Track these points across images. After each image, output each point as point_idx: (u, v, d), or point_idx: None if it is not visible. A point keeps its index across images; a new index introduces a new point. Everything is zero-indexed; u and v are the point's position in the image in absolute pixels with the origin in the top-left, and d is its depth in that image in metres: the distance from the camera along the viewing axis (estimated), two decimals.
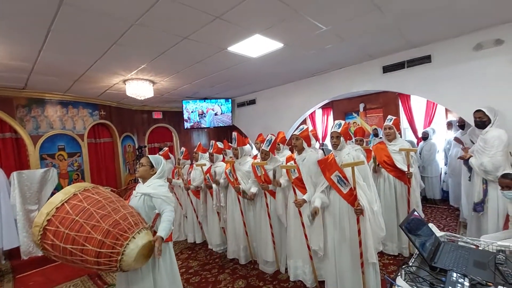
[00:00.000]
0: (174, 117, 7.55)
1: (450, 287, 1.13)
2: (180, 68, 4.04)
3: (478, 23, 3.16)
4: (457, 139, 4.19)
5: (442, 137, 5.52)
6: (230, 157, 3.55)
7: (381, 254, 3.11)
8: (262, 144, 3.11)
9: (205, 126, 6.74)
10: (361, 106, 6.67)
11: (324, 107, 7.29)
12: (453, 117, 5.33)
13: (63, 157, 5.21)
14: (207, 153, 3.98)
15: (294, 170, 2.55)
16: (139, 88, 4.46)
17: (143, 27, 2.61)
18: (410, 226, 1.57)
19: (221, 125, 6.83)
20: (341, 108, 7.09)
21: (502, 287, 1.14)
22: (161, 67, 3.94)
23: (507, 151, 2.77)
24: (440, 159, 5.28)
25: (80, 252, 1.56)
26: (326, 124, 7.62)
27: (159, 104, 6.96)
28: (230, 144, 4.12)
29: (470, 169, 3.08)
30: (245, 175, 3.18)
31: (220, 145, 3.81)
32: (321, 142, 7.31)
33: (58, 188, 4.66)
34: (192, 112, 6.52)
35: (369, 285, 2.23)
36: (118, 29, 2.63)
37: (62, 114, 5.15)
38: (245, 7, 2.37)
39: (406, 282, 1.23)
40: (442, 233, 1.79)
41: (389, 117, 3.30)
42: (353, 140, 3.95)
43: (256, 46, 3.33)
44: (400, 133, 3.32)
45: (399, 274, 1.31)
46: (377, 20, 2.89)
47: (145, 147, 6.63)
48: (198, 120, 6.59)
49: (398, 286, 1.22)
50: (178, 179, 4.25)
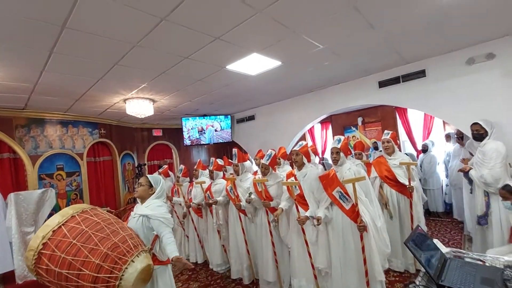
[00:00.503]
0: (173, 134, 7.57)
1: None
2: (180, 86, 4.10)
3: (470, 38, 3.26)
4: (463, 160, 3.92)
5: (442, 149, 5.54)
6: (231, 173, 3.54)
7: (386, 271, 3.03)
8: (262, 160, 3.11)
9: (205, 143, 6.75)
10: (360, 120, 6.74)
11: (323, 122, 7.36)
12: (451, 129, 5.38)
13: (61, 177, 5.17)
14: (207, 170, 3.97)
15: (296, 187, 2.54)
16: (139, 107, 4.50)
17: (145, 48, 2.67)
18: (415, 243, 1.55)
19: (221, 141, 6.85)
20: (339, 122, 7.15)
21: None
22: (162, 86, 4.00)
23: (506, 162, 2.78)
24: (440, 171, 5.28)
25: (76, 277, 1.50)
26: (325, 139, 7.66)
27: (159, 121, 6.99)
28: (230, 160, 4.12)
29: (470, 181, 3.07)
30: (246, 191, 3.15)
31: (220, 162, 3.80)
32: (320, 156, 7.31)
33: (56, 209, 4.59)
34: (191, 129, 6.55)
35: None
36: (120, 50, 2.69)
37: (61, 134, 5.15)
38: (244, 28, 2.44)
39: None
40: (447, 249, 1.76)
41: (386, 131, 3.35)
42: (353, 154, 3.95)
43: (254, 64, 3.41)
44: (399, 147, 3.34)
45: None
46: (372, 38, 2.97)
47: (144, 165, 6.61)
48: (198, 137, 6.61)
49: None
50: (178, 197, 4.20)
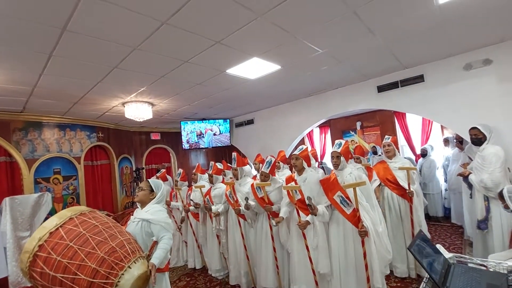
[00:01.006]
0: (172, 138, 7.54)
1: None
2: (179, 90, 4.09)
3: (467, 44, 3.30)
4: (463, 165, 3.78)
5: (440, 153, 5.56)
6: (230, 178, 3.51)
7: (388, 277, 3.00)
8: (261, 164, 3.09)
9: (204, 147, 6.73)
10: (358, 124, 6.76)
11: (322, 126, 7.37)
12: (449, 133, 5.41)
13: (58, 181, 5.11)
14: (206, 174, 3.94)
15: (297, 191, 2.52)
16: (138, 110, 4.48)
17: (144, 51, 2.67)
18: (418, 248, 1.53)
19: (220, 145, 6.83)
20: (338, 126, 7.16)
21: None
22: (161, 90, 3.99)
23: (505, 167, 2.79)
24: (440, 175, 5.28)
25: (70, 282, 1.45)
26: (324, 143, 7.66)
27: (158, 125, 6.97)
28: (228, 164, 4.10)
29: (470, 186, 3.07)
30: (245, 196, 3.12)
31: (219, 166, 3.78)
32: (319, 160, 7.31)
33: (52, 213, 4.50)
34: (190, 132, 6.53)
35: None
36: (120, 53, 2.68)
37: (59, 137, 5.11)
38: (244, 32, 2.45)
39: None
40: (450, 254, 1.74)
41: (386, 136, 3.37)
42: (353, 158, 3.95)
43: (254, 68, 3.41)
44: (398, 151, 3.35)
45: None
46: (371, 43, 2.99)
47: (142, 169, 6.56)
48: (197, 141, 6.59)
49: None
50: (176, 201, 4.16)
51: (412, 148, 6.04)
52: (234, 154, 3.31)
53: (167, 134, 7.52)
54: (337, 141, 2.48)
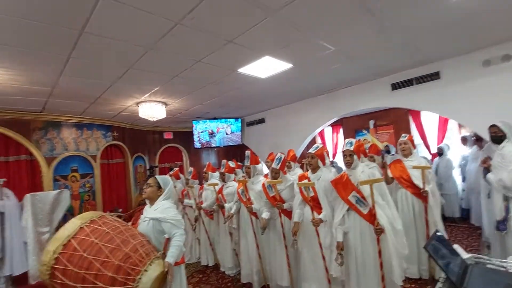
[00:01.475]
0: (184, 137, 7.64)
1: None
2: (191, 89, 4.15)
3: (486, 39, 3.18)
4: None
5: (457, 153, 5.39)
6: (243, 176, 3.53)
7: None
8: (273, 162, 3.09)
9: (215, 146, 6.79)
10: (371, 123, 6.64)
11: (334, 125, 7.28)
12: (466, 132, 5.24)
13: (75, 178, 5.28)
14: (217, 172, 3.97)
15: (309, 189, 2.51)
16: (151, 110, 4.57)
17: (158, 52, 2.72)
18: (434, 248, 1.50)
19: (231, 144, 6.87)
20: (351, 125, 7.07)
21: None
22: (174, 89, 4.05)
23: None
24: (456, 175, 5.12)
25: None
26: (336, 142, 7.57)
27: (171, 124, 7.09)
28: (239, 163, 4.13)
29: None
30: (258, 194, 3.13)
31: (231, 164, 3.81)
32: (331, 159, 7.24)
33: (70, 210, 4.68)
34: (202, 131, 6.60)
35: None
36: (135, 54, 2.75)
37: (76, 136, 5.28)
38: (256, 31, 2.46)
39: None
40: (468, 254, 1.70)
41: (403, 134, 3.31)
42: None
43: (265, 67, 3.42)
44: (415, 149, 3.27)
45: None
46: (384, 40, 2.94)
47: (156, 167, 6.68)
48: (208, 140, 6.66)
49: None
50: (189, 199, 4.22)
51: (427, 147, 5.89)
52: (248, 152, 3.32)
53: (179, 133, 7.64)
54: (347, 140, 2.46)
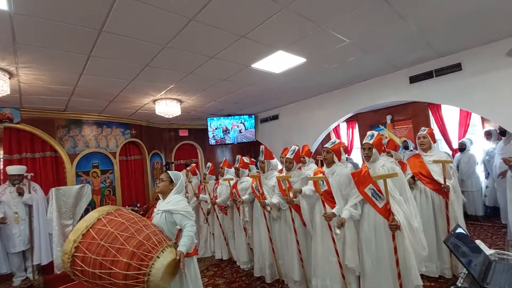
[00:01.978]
0: (199, 134, 7.77)
1: None
2: (206, 86, 4.20)
3: (510, 28, 3.01)
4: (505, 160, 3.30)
5: (480, 148, 5.15)
6: (257, 171, 3.55)
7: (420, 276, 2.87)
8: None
9: (229, 142, 6.85)
10: (388, 118, 6.47)
11: (349, 120, 7.15)
12: (490, 126, 4.99)
13: (96, 174, 5.50)
14: (233, 168, 4.02)
15: (323, 182, 2.49)
16: (167, 107, 4.68)
17: (173, 49, 2.78)
18: (454, 243, 1.45)
19: (245, 141, 6.91)
20: (366, 121, 6.92)
21: None
22: (188, 86, 4.12)
23: None
24: (480, 171, 4.89)
25: (108, 276, 1.60)
26: (351, 138, 7.44)
27: (185, 122, 7.22)
28: (252, 159, 4.15)
29: None
30: (271, 189, 3.14)
31: (246, 160, 3.84)
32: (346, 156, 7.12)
33: (91, 204, 4.89)
34: (216, 128, 6.68)
35: None
36: (151, 52, 2.81)
37: (97, 133, 5.49)
38: (269, 25, 2.45)
39: None
40: (492, 250, 1.63)
41: (422, 128, 3.19)
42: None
43: (279, 62, 3.40)
44: (434, 143, 3.16)
45: None
46: (402, 30, 2.84)
47: (172, 163, 6.83)
48: (223, 137, 6.73)
49: None
50: (204, 194, 4.30)
51: (448, 142, 5.66)
52: (262, 147, 3.33)
53: (194, 130, 7.77)
54: (369, 132, 2.42)
